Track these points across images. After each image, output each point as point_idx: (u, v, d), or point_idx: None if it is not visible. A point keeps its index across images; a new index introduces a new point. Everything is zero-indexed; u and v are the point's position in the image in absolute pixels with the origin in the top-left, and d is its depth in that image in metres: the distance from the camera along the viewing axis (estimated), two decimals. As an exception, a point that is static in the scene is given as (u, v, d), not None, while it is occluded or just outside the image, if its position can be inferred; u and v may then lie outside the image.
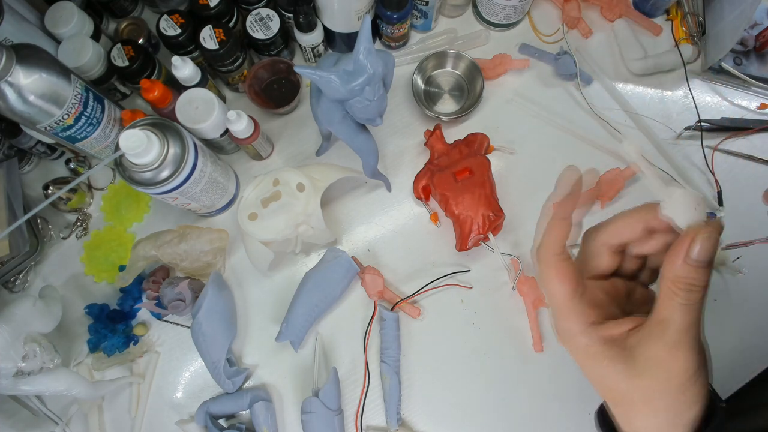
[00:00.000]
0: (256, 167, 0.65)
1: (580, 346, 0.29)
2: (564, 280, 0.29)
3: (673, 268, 0.26)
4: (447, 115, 0.64)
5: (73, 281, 0.62)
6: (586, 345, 0.28)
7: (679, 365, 0.26)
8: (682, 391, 0.27)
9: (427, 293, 0.59)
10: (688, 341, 0.26)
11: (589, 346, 0.28)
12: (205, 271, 0.60)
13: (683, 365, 0.26)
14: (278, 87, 0.65)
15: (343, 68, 0.42)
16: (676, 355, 0.26)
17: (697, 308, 0.26)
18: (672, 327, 0.26)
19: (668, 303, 0.26)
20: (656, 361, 0.26)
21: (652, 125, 0.64)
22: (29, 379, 0.48)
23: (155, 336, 0.60)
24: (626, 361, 0.27)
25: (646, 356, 0.27)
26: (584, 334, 0.28)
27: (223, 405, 0.55)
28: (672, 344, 0.26)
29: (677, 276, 0.26)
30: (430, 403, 0.56)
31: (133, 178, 0.48)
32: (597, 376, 0.29)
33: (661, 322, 0.26)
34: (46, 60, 0.47)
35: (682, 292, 0.26)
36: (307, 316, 0.56)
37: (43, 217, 0.64)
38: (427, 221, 0.62)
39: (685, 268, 0.26)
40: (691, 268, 0.26)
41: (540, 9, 0.71)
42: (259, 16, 0.60)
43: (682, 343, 0.26)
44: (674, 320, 0.26)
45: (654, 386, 0.27)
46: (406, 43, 0.69)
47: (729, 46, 0.62)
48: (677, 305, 0.26)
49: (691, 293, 0.26)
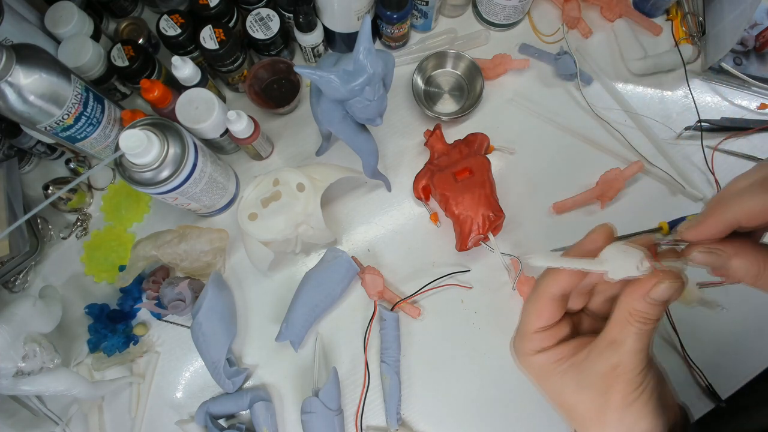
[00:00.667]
0: (256, 167, 0.65)
1: (535, 364, 0.31)
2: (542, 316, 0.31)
3: (632, 301, 0.28)
4: (447, 115, 0.64)
5: (73, 281, 0.62)
6: (541, 363, 0.31)
7: (624, 382, 0.28)
8: (627, 406, 0.28)
9: (427, 293, 0.59)
10: (635, 362, 0.28)
11: (543, 364, 0.31)
12: (205, 271, 0.60)
13: (628, 382, 0.28)
14: (278, 87, 0.65)
15: (343, 68, 0.42)
16: (620, 372, 0.28)
17: (648, 337, 0.28)
18: (622, 348, 0.28)
19: (621, 327, 0.28)
20: (602, 377, 0.28)
21: (652, 125, 0.64)
22: (29, 379, 0.48)
23: (155, 336, 0.60)
24: (575, 376, 0.30)
25: (593, 371, 0.29)
26: (539, 354, 0.31)
27: (223, 405, 0.55)
28: (618, 363, 0.28)
29: (635, 309, 0.28)
30: (430, 403, 0.56)
31: (133, 178, 0.48)
32: (550, 391, 0.31)
33: (612, 342, 0.28)
34: (46, 60, 0.47)
35: (637, 323, 0.28)
36: (307, 316, 0.56)
37: (43, 217, 0.64)
38: (427, 221, 0.62)
39: (644, 305, 0.28)
40: (649, 305, 0.27)
41: (540, 9, 0.71)
42: (259, 16, 0.60)
43: (630, 365, 0.28)
44: (625, 343, 0.28)
45: (600, 400, 0.29)
46: (406, 43, 0.69)
47: (729, 46, 0.62)
48: (630, 332, 0.28)
49: (646, 325, 0.28)
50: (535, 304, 0.32)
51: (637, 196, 0.62)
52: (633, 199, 0.62)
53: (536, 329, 0.31)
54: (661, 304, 0.27)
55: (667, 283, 0.27)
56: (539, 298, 0.31)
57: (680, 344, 0.55)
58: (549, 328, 0.31)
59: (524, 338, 0.32)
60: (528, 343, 0.32)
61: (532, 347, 0.31)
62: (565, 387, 0.30)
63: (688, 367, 0.55)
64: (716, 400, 0.54)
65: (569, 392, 0.30)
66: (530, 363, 0.32)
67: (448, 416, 0.56)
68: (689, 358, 0.55)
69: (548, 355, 0.31)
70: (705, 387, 0.55)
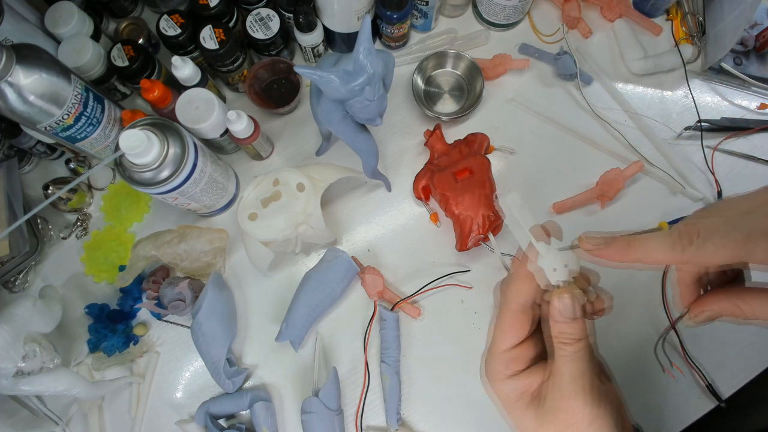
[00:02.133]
0: (256, 167, 0.65)
1: (501, 392, 0.31)
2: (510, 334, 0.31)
3: (548, 326, 0.29)
4: (447, 115, 0.64)
5: (73, 281, 0.62)
6: (506, 393, 0.31)
7: (574, 414, 0.28)
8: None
9: (427, 293, 0.59)
10: (578, 390, 0.28)
11: (508, 394, 0.31)
12: (205, 271, 0.60)
13: (578, 413, 0.28)
14: (278, 87, 0.65)
15: (343, 68, 0.42)
16: (569, 403, 0.28)
17: (581, 358, 0.28)
18: (562, 378, 0.28)
19: (557, 355, 0.29)
20: (556, 411, 0.28)
21: (652, 125, 0.64)
22: (29, 379, 0.48)
23: (155, 336, 0.60)
24: (536, 409, 0.30)
25: (548, 405, 0.29)
26: (505, 383, 0.31)
27: (223, 405, 0.55)
28: (565, 394, 0.28)
29: (553, 333, 0.28)
30: (430, 403, 0.56)
31: (133, 178, 0.48)
32: (515, 421, 0.31)
33: (555, 373, 0.29)
34: (46, 60, 0.47)
35: (561, 345, 0.28)
36: (307, 316, 0.56)
37: (43, 217, 0.64)
38: (427, 221, 0.62)
39: (556, 326, 0.28)
40: (560, 325, 0.28)
41: (540, 9, 0.71)
42: (259, 16, 0.60)
43: (573, 392, 0.28)
44: (562, 372, 0.28)
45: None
46: (406, 43, 0.69)
47: (729, 46, 0.62)
48: (561, 357, 0.28)
49: (569, 346, 0.28)
50: (499, 323, 0.31)
51: (637, 196, 0.62)
52: (633, 199, 0.62)
53: (504, 349, 0.31)
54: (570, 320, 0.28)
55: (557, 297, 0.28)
56: (502, 315, 0.31)
57: (680, 344, 0.55)
58: (518, 346, 0.31)
59: (494, 359, 0.32)
60: (498, 365, 0.31)
61: (504, 370, 0.31)
62: (527, 422, 0.30)
63: (688, 367, 0.55)
64: (716, 400, 0.54)
65: (532, 427, 0.30)
66: (499, 390, 0.31)
67: (448, 416, 0.56)
68: (689, 357, 0.55)
69: (515, 386, 0.31)
70: (705, 387, 0.55)
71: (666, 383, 0.55)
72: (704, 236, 0.26)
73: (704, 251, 0.27)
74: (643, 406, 0.55)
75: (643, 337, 0.57)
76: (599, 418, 0.28)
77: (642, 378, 0.56)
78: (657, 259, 0.28)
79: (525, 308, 0.31)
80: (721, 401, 0.54)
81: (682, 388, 0.55)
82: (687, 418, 0.54)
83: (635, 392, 0.55)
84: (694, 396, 0.55)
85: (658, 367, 0.55)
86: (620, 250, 0.28)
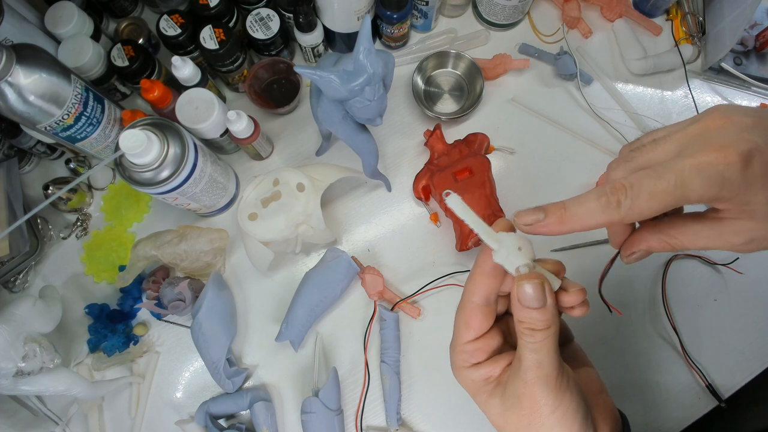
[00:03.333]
0: (256, 167, 0.65)
1: (466, 380, 0.31)
2: (470, 328, 0.31)
3: (514, 311, 0.28)
4: (447, 115, 0.64)
5: (73, 281, 0.62)
6: (471, 380, 0.31)
7: (537, 401, 0.28)
8: (549, 427, 0.28)
9: (427, 293, 0.59)
10: (542, 378, 0.27)
11: (473, 381, 0.31)
12: (205, 271, 0.60)
13: (541, 401, 0.27)
14: (278, 87, 0.65)
15: (343, 68, 0.42)
16: (533, 391, 0.28)
17: (546, 347, 0.27)
18: (524, 365, 0.28)
19: (520, 343, 0.28)
20: (519, 397, 0.28)
21: (652, 125, 0.64)
22: (29, 379, 0.48)
23: (155, 336, 0.60)
24: (501, 396, 0.29)
25: (511, 392, 0.29)
26: (468, 371, 0.31)
27: (223, 405, 0.55)
28: (528, 382, 0.28)
29: (518, 319, 0.28)
30: (430, 403, 0.56)
31: (133, 178, 0.48)
32: (481, 408, 0.31)
33: (518, 360, 0.28)
34: (46, 60, 0.47)
35: (526, 333, 0.27)
36: (307, 316, 0.56)
37: (43, 217, 0.64)
38: (427, 221, 0.62)
39: (522, 312, 0.27)
40: (525, 311, 0.27)
41: (540, 9, 0.71)
42: (259, 16, 0.60)
43: (536, 380, 0.27)
44: (525, 359, 0.28)
45: (521, 421, 0.29)
46: (406, 43, 0.69)
47: (729, 46, 0.62)
48: (525, 345, 0.28)
49: (535, 334, 0.27)
50: (462, 315, 0.31)
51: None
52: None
53: (466, 341, 0.31)
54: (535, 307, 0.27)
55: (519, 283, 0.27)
56: (464, 308, 0.31)
57: (680, 344, 0.55)
58: (480, 339, 0.31)
59: (457, 350, 0.32)
60: (460, 356, 0.31)
61: (465, 360, 0.31)
62: (492, 408, 0.30)
63: (689, 367, 0.55)
64: (716, 400, 0.54)
65: (496, 413, 0.30)
66: (463, 378, 0.31)
67: (448, 416, 0.56)
68: (689, 357, 0.55)
69: (479, 373, 0.31)
70: (705, 387, 0.55)
71: (666, 383, 0.55)
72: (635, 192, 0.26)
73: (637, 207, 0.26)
74: (644, 406, 0.55)
75: (643, 337, 0.57)
76: (562, 406, 0.27)
77: (642, 378, 0.56)
78: (593, 223, 0.27)
79: (488, 301, 0.31)
80: (721, 401, 0.54)
81: (682, 388, 0.55)
82: (687, 418, 0.54)
83: (635, 392, 0.55)
84: (694, 396, 0.55)
85: (658, 366, 0.55)
86: (557, 221, 0.28)
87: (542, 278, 0.28)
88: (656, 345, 0.57)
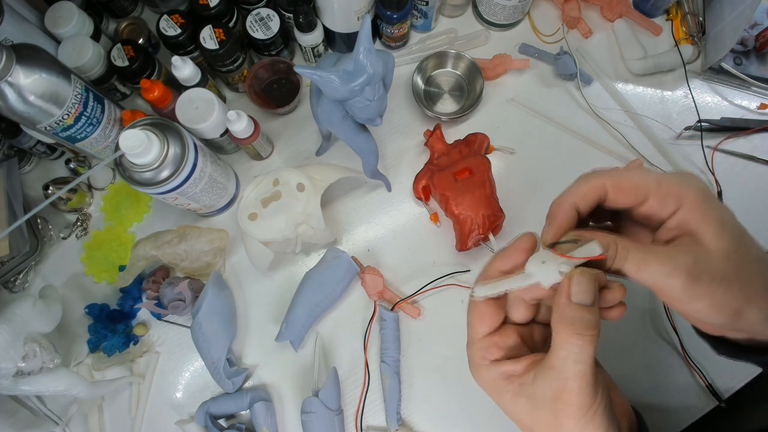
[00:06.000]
0: (256, 167, 0.65)
1: (486, 379, 0.31)
2: (482, 321, 0.32)
3: (560, 307, 0.28)
4: (447, 115, 0.64)
5: (73, 281, 0.62)
6: (491, 378, 0.31)
7: (573, 399, 0.27)
8: (582, 426, 0.28)
9: (427, 293, 0.59)
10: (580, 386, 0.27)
11: (493, 379, 0.31)
12: (205, 271, 0.60)
13: (577, 399, 0.27)
14: (278, 87, 0.65)
15: (343, 68, 0.42)
16: (568, 398, 0.27)
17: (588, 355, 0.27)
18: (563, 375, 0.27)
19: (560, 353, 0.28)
20: (552, 397, 0.28)
21: (652, 125, 0.64)
22: (29, 379, 0.48)
23: (155, 336, 0.60)
24: (527, 395, 0.29)
25: (542, 391, 0.28)
26: (487, 369, 0.31)
27: (223, 405, 0.55)
28: (563, 389, 0.27)
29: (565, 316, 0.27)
30: (430, 403, 0.56)
31: (133, 178, 0.48)
32: (504, 408, 0.31)
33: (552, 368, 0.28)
34: (46, 60, 0.47)
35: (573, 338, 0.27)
36: (307, 316, 0.56)
37: (43, 217, 0.64)
38: (427, 221, 0.62)
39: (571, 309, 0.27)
40: (576, 309, 0.27)
41: (540, 9, 0.71)
42: (259, 16, 0.60)
43: (574, 387, 0.27)
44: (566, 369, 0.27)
45: (553, 420, 0.28)
46: (406, 43, 0.69)
47: (729, 46, 0.62)
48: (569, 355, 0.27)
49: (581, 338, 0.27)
50: (473, 311, 0.32)
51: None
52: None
53: (482, 335, 0.32)
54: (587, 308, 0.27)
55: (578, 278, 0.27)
56: (474, 304, 0.32)
57: (680, 344, 0.55)
58: (494, 334, 0.32)
59: (473, 347, 0.32)
60: (477, 353, 0.32)
61: (482, 357, 0.31)
62: (519, 407, 0.30)
63: (689, 367, 0.55)
64: (716, 400, 0.54)
65: (524, 412, 0.30)
66: (482, 376, 0.32)
67: (448, 416, 0.56)
68: (689, 357, 0.55)
69: (500, 371, 0.31)
70: (705, 387, 0.55)
71: (666, 383, 0.55)
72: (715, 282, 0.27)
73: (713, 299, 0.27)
74: (644, 406, 0.55)
75: (643, 337, 0.57)
76: (596, 403, 0.28)
77: (642, 378, 0.56)
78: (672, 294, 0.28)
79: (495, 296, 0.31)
80: (721, 401, 0.54)
81: (682, 388, 0.55)
82: (687, 418, 0.54)
83: (635, 392, 0.55)
84: (694, 396, 0.55)
85: (658, 366, 0.55)
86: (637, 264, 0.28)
87: (596, 272, 0.28)
88: (656, 345, 0.57)
